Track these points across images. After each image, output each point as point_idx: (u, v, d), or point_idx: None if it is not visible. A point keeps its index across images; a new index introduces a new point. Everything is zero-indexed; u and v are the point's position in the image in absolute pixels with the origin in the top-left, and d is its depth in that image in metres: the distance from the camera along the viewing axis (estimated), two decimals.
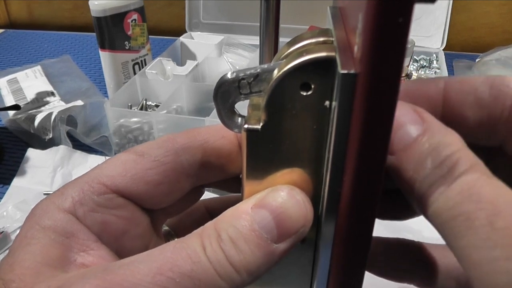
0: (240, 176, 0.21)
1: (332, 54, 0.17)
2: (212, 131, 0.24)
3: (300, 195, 0.20)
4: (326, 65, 0.18)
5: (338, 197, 0.18)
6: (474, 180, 0.16)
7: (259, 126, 0.19)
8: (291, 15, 0.84)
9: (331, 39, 0.19)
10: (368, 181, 0.16)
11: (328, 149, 0.18)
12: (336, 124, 0.17)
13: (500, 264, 0.14)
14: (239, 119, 0.21)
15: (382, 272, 0.28)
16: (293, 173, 0.20)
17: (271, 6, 0.27)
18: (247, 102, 0.21)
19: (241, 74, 0.20)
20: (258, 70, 0.19)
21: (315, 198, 0.20)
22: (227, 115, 0.21)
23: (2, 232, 0.52)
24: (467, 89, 0.20)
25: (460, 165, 0.16)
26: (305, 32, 0.20)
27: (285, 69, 0.18)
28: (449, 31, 0.87)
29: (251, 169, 0.20)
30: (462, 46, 0.98)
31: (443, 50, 0.86)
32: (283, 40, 0.22)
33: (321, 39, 0.19)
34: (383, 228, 0.54)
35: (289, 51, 0.20)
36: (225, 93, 0.20)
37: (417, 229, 0.50)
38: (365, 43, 0.14)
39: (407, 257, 0.28)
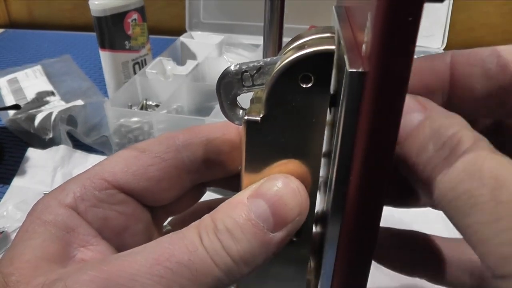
0: (239, 167, 0.21)
1: (332, 47, 0.18)
2: (214, 128, 0.24)
3: (295, 183, 0.20)
4: (326, 58, 0.18)
5: (344, 196, 0.18)
6: (476, 157, 0.15)
7: (258, 118, 0.19)
8: (293, 15, 0.84)
9: (332, 35, 0.19)
10: (375, 182, 0.16)
11: (335, 148, 0.18)
12: (343, 123, 0.17)
13: (508, 235, 0.14)
14: (241, 111, 0.21)
15: (393, 265, 0.27)
16: (291, 164, 0.20)
17: (275, 6, 0.27)
18: (250, 96, 0.21)
19: (244, 67, 0.20)
20: (261, 63, 0.20)
21: (311, 189, 0.21)
22: (229, 107, 0.21)
23: (2, 232, 0.52)
24: (474, 61, 0.19)
25: (462, 144, 0.16)
26: (309, 29, 0.20)
27: (286, 61, 0.18)
28: (449, 31, 0.87)
29: (250, 161, 0.20)
30: (462, 46, 0.98)
31: (443, 50, 0.86)
32: (286, 40, 0.22)
33: (323, 35, 0.19)
34: (382, 225, 0.54)
35: (292, 46, 0.20)
36: (228, 85, 0.20)
37: (418, 229, 0.50)
38: (374, 42, 0.14)
39: (419, 250, 0.27)
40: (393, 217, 0.52)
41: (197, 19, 0.96)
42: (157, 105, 0.72)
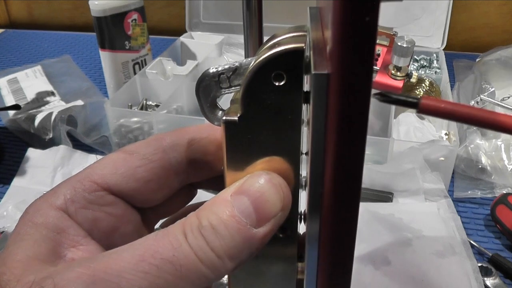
0: (222, 168, 0.21)
1: (301, 45, 0.18)
2: (199, 129, 0.24)
3: (277, 179, 0.20)
4: (296, 55, 0.18)
5: (321, 196, 0.18)
6: None
7: (236, 118, 0.20)
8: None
9: (304, 33, 0.20)
10: (348, 181, 0.17)
11: (308, 150, 0.19)
12: (312, 123, 0.17)
13: None
14: (220, 112, 0.22)
15: None
16: (272, 162, 0.21)
17: (252, 6, 0.27)
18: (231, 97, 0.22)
19: (221, 69, 0.21)
20: (236, 64, 0.20)
21: (294, 185, 0.21)
22: (209, 109, 0.21)
23: (3, 232, 0.52)
24: None
25: None
26: (283, 29, 0.21)
27: (258, 61, 0.19)
28: (449, 31, 0.87)
29: (231, 160, 0.21)
30: (462, 46, 0.98)
31: (443, 50, 0.86)
32: None
33: (296, 34, 0.20)
34: (382, 228, 0.54)
35: (266, 46, 0.20)
36: (207, 88, 0.21)
37: (417, 228, 0.50)
38: (333, 43, 0.14)
39: None
40: (393, 216, 0.52)
41: (197, 19, 0.96)
42: (157, 105, 0.72)
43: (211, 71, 0.21)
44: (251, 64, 0.19)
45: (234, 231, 0.19)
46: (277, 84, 0.19)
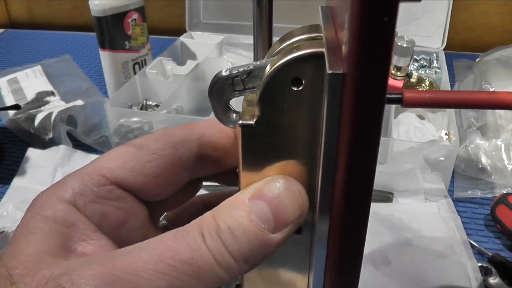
0: (237, 170, 0.21)
1: (321, 50, 0.18)
2: (209, 125, 0.24)
3: (296, 185, 0.20)
4: (316, 60, 0.18)
5: (331, 196, 0.18)
6: None
7: (253, 122, 0.20)
8: (286, 14, 0.84)
9: (321, 34, 0.19)
10: (360, 182, 0.16)
11: (320, 149, 0.19)
12: (326, 125, 0.17)
13: None
14: (234, 115, 0.21)
15: None
16: (288, 165, 0.21)
17: (263, 6, 0.27)
18: (242, 98, 0.21)
19: (235, 71, 0.20)
20: (251, 67, 0.20)
21: (310, 188, 0.21)
22: (222, 111, 0.21)
23: (2, 232, 0.52)
24: None
25: None
26: (296, 28, 0.20)
27: (276, 65, 0.18)
28: (449, 31, 0.87)
29: (247, 163, 0.21)
30: (462, 46, 0.98)
31: (443, 50, 0.86)
32: (277, 39, 0.22)
33: (312, 35, 0.20)
34: (383, 228, 0.54)
35: (280, 47, 0.20)
36: (220, 90, 0.21)
37: (418, 228, 0.50)
38: (350, 43, 0.14)
39: None
40: (393, 216, 0.52)
41: (197, 19, 0.96)
42: (157, 105, 0.72)
43: (224, 74, 0.20)
44: (268, 68, 0.19)
45: (252, 236, 0.19)
46: (295, 89, 0.19)
